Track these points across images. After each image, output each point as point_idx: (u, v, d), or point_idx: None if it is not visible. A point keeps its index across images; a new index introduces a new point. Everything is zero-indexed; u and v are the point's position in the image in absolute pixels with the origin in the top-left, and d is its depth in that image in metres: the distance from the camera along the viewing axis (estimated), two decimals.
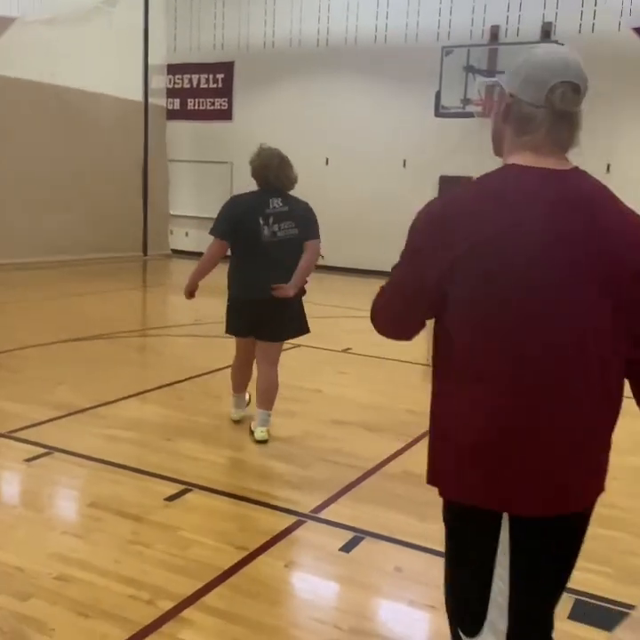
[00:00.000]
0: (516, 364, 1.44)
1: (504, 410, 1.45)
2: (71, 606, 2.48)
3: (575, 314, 1.45)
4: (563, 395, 1.47)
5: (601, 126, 11.88)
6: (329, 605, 2.61)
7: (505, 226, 1.44)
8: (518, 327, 1.43)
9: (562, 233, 1.45)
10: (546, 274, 1.43)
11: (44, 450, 3.91)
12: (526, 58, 1.55)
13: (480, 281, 1.44)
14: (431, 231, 1.50)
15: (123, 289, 10.61)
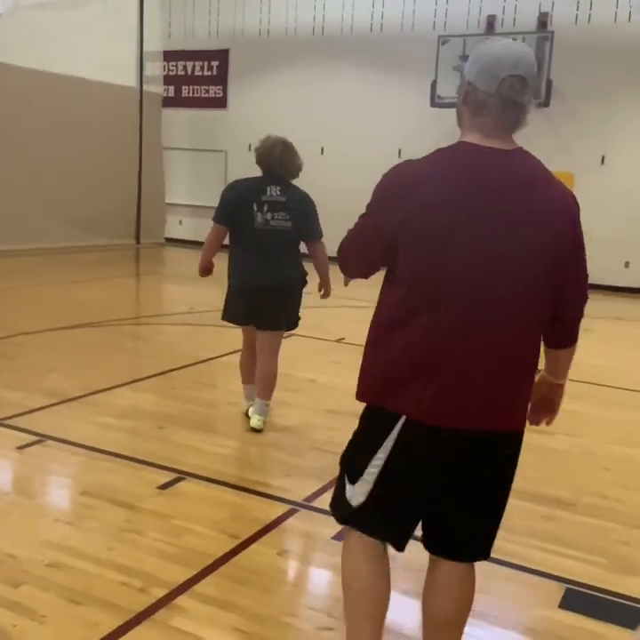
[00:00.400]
0: (452, 301, 1.76)
1: (442, 339, 1.76)
2: (63, 593, 2.48)
3: (509, 267, 1.76)
4: (495, 331, 1.78)
5: (596, 118, 11.89)
6: (322, 593, 2.62)
7: (448, 193, 1.74)
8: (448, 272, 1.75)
9: (501, 198, 1.75)
10: (483, 229, 1.73)
11: (37, 437, 3.90)
12: (483, 52, 1.80)
13: (422, 235, 1.74)
14: (389, 193, 1.83)
15: (116, 277, 10.57)
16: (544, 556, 2.95)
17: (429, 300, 1.77)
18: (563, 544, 3.05)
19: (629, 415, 5.05)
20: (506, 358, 1.81)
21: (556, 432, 4.54)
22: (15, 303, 7.90)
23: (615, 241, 11.88)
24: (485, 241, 1.74)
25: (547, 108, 11.88)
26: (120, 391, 4.90)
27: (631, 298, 11.47)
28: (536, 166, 1.87)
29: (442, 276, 1.76)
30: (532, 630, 2.46)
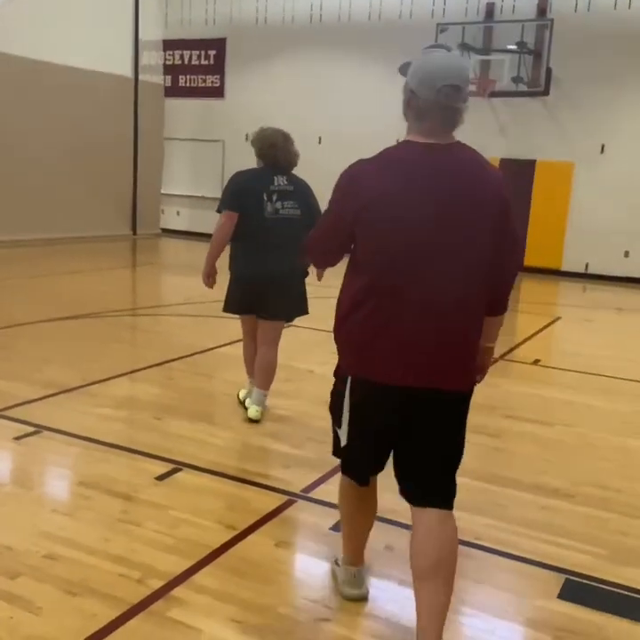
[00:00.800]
0: (408, 280, 2.04)
1: (403, 323, 2.05)
2: (60, 585, 2.46)
3: (452, 245, 2.04)
4: (447, 311, 2.06)
5: (596, 106, 11.83)
6: (319, 584, 2.60)
7: (394, 186, 2.04)
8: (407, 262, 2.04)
9: (441, 187, 2.03)
10: (427, 213, 2.02)
11: (34, 428, 3.88)
12: (422, 65, 2.10)
13: (375, 225, 2.05)
14: (346, 188, 2.14)
15: (112, 268, 10.53)
16: (543, 546, 2.94)
17: (384, 279, 2.06)
18: (561, 534, 3.04)
19: (628, 405, 5.04)
20: (455, 325, 2.09)
21: (555, 423, 4.54)
22: (11, 294, 7.87)
23: (615, 230, 11.86)
24: (430, 224, 2.03)
25: (546, 97, 11.82)
26: (117, 382, 4.88)
27: (631, 288, 11.46)
28: (472, 156, 2.12)
29: (394, 256, 2.05)
30: (530, 621, 2.45)
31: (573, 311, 9.28)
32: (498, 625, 2.42)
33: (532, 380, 5.69)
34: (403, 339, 2.06)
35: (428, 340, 2.06)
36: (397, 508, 3.19)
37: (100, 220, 13.26)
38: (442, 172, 2.05)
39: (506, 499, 3.38)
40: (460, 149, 2.11)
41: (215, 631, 2.28)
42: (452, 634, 2.36)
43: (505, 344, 6.73)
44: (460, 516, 3.14)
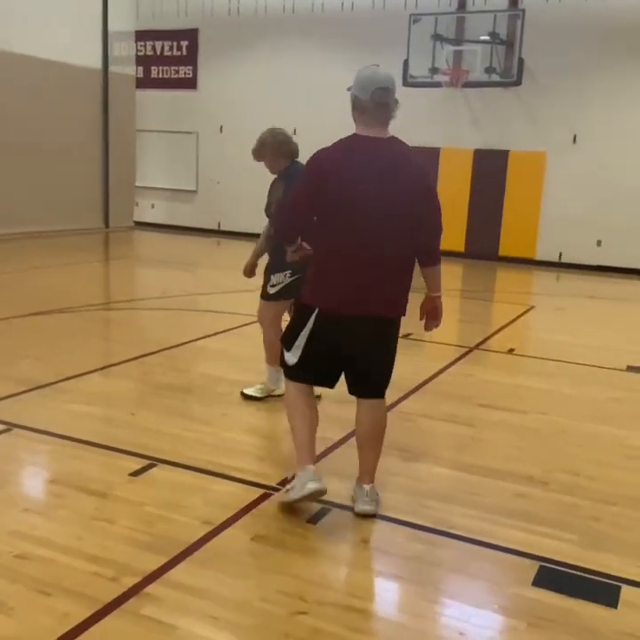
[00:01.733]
0: (356, 245, 2.89)
1: (349, 268, 2.90)
2: (32, 585, 2.43)
3: (386, 221, 2.89)
4: (380, 262, 2.91)
5: (568, 96, 11.92)
6: (295, 577, 2.60)
7: (348, 168, 2.85)
8: (354, 227, 2.88)
9: (377, 169, 2.86)
10: (370, 188, 2.84)
11: (5, 426, 3.82)
12: (360, 76, 2.94)
13: (335, 197, 2.86)
14: (311, 169, 2.93)
15: (85, 262, 10.41)
16: (517, 534, 2.96)
17: (343, 238, 2.90)
18: (535, 522, 3.07)
19: (600, 393, 5.09)
20: (386, 268, 2.93)
21: (529, 411, 4.58)
22: None
23: (587, 220, 11.98)
24: (373, 196, 2.85)
25: (518, 87, 11.88)
26: (91, 377, 4.83)
27: (603, 276, 11.58)
28: (401, 147, 2.96)
29: (349, 220, 2.87)
30: (505, 609, 2.47)
31: (547, 300, 9.36)
32: (473, 613, 2.44)
33: (507, 369, 5.73)
34: (347, 282, 2.92)
35: (363, 282, 2.91)
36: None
37: (72, 213, 13.08)
38: (377, 158, 2.87)
39: (480, 487, 3.40)
40: (393, 142, 2.94)
41: (191, 627, 2.27)
42: (427, 623, 2.38)
43: (479, 333, 6.77)
44: (435, 505, 3.18)
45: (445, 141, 12.63)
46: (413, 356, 6.01)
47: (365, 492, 3.07)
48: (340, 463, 3.63)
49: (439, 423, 4.27)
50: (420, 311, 3.21)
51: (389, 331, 3.06)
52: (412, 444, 3.90)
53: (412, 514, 3.09)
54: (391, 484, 3.38)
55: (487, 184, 12.50)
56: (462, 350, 6.10)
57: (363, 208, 2.85)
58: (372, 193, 2.84)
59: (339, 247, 2.90)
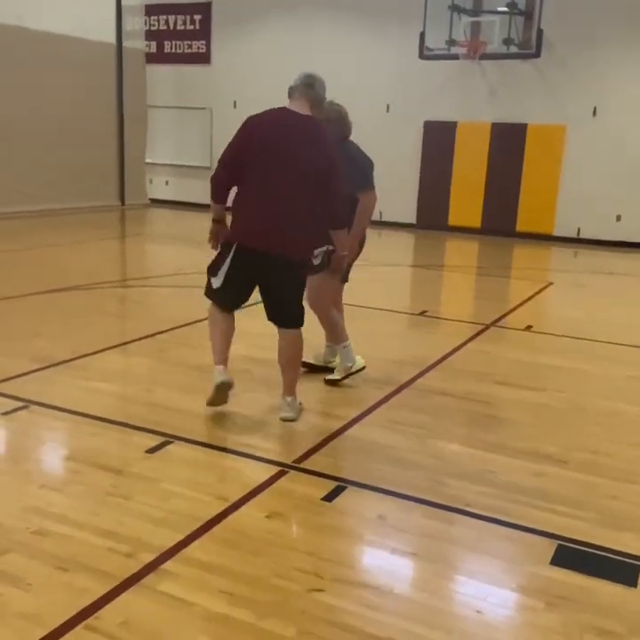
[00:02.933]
0: (268, 196, 3.54)
1: (260, 212, 3.56)
2: (49, 560, 2.44)
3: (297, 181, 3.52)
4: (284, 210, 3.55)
5: (588, 68, 11.67)
6: (311, 555, 2.60)
7: (268, 132, 3.55)
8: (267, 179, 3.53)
9: (288, 137, 3.54)
10: (284, 149, 3.51)
11: (22, 403, 3.84)
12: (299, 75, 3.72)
13: (256, 154, 3.51)
14: (241, 134, 3.58)
15: (100, 239, 10.42)
16: (535, 512, 2.94)
17: (258, 188, 3.55)
18: (553, 500, 3.04)
19: (620, 370, 5.03)
20: (289, 217, 3.56)
21: (547, 388, 4.53)
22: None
23: (607, 194, 11.79)
24: (285, 155, 3.50)
25: (537, 59, 11.64)
26: (107, 355, 4.84)
27: (623, 252, 11.42)
28: (314, 121, 3.60)
29: (265, 175, 3.52)
30: (523, 588, 2.45)
31: (565, 276, 9.25)
32: (490, 591, 2.42)
33: (524, 347, 5.68)
34: (258, 224, 3.56)
35: (269, 226, 3.55)
36: (389, 477, 3.19)
37: (88, 190, 13.07)
38: (294, 128, 3.55)
39: (497, 465, 3.38)
40: (308, 118, 3.58)
41: (207, 603, 2.27)
42: (443, 600, 2.37)
43: (496, 310, 6.71)
44: (451, 482, 3.16)
45: (462, 115, 12.44)
46: (429, 334, 5.97)
47: (287, 402, 3.80)
48: (355, 442, 3.62)
49: (456, 400, 4.24)
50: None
51: (294, 272, 3.64)
52: (429, 422, 3.87)
53: (429, 491, 3.07)
54: (407, 462, 3.37)
55: (505, 158, 12.32)
56: (479, 327, 6.05)
57: (276, 164, 3.50)
58: (285, 151, 3.50)
59: (254, 195, 3.56)
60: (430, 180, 12.90)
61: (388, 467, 3.33)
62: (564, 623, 2.26)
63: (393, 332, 5.91)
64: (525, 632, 2.24)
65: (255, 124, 3.57)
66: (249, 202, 3.60)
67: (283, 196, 3.52)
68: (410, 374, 4.62)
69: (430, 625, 2.22)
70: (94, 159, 13.11)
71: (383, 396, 4.21)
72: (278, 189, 3.52)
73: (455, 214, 12.87)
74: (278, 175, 3.51)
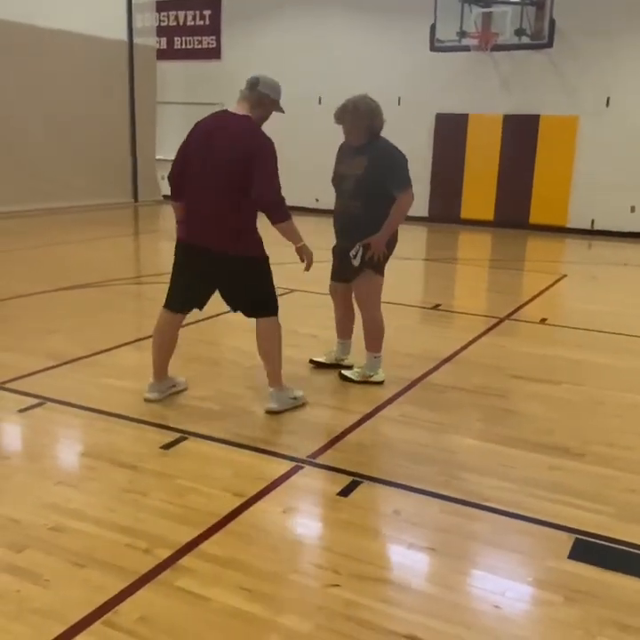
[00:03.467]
0: (200, 193, 3.65)
1: (196, 211, 3.68)
2: (67, 557, 2.45)
3: (218, 174, 3.57)
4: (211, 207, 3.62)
5: (600, 58, 11.56)
6: (328, 550, 2.59)
7: (201, 133, 3.66)
8: (198, 177, 3.64)
9: (213, 135, 3.61)
10: (213, 148, 3.58)
11: (38, 400, 3.86)
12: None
13: (191, 154, 3.67)
14: (188, 135, 3.73)
15: (114, 236, 10.45)
16: (552, 506, 2.91)
17: (193, 187, 3.67)
18: (571, 494, 3.02)
19: (636, 362, 4.98)
20: (219, 213, 3.60)
21: (563, 381, 4.50)
22: (12, 265, 7.82)
23: (620, 185, 11.68)
24: (206, 151, 3.60)
25: (550, 49, 11.54)
26: (122, 351, 4.86)
27: (637, 243, 11.32)
28: (245, 119, 3.61)
29: (196, 173, 3.64)
30: (541, 582, 2.44)
31: (580, 268, 9.18)
32: (508, 586, 2.41)
33: (539, 340, 5.64)
34: (192, 221, 3.69)
35: (201, 223, 3.65)
36: (405, 472, 3.18)
37: (101, 188, 13.10)
38: (220, 127, 3.61)
39: (513, 459, 3.36)
40: (241, 118, 3.61)
41: (224, 599, 2.27)
42: (461, 595, 2.35)
43: (510, 303, 6.66)
44: (467, 477, 3.14)
45: (474, 107, 12.36)
46: (443, 328, 5.94)
47: (270, 393, 3.83)
48: (370, 436, 3.61)
49: (470, 395, 4.22)
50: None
51: (239, 266, 3.66)
52: (443, 416, 3.86)
53: (445, 486, 3.06)
54: (422, 456, 3.35)
55: (517, 150, 12.24)
56: (493, 321, 6.01)
57: (200, 160, 3.60)
58: (206, 147, 3.59)
59: (191, 193, 3.67)
60: (442, 173, 12.83)
61: (404, 461, 3.31)
62: (583, 618, 2.24)
63: (406, 325, 5.89)
64: (544, 627, 2.22)
65: (196, 126, 3.71)
66: (189, 200, 3.69)
67: (210, 193, 3.57)
68: (424, 368, 4.60)
69: (449, 620, 2.21)
70: (107, 156, 13.14)
71: (397, 391, 4.20)
72: (205, 186, 3.59)
73: (467, 207, 12.80)
74: (202, 172, 3.59)
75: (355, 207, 4.11)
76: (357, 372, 4.37)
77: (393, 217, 4.08)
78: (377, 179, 4.03)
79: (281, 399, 3.84)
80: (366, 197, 4.06)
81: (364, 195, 4.06)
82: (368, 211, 4.07)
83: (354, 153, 4.13)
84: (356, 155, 4.11)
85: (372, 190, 4.05)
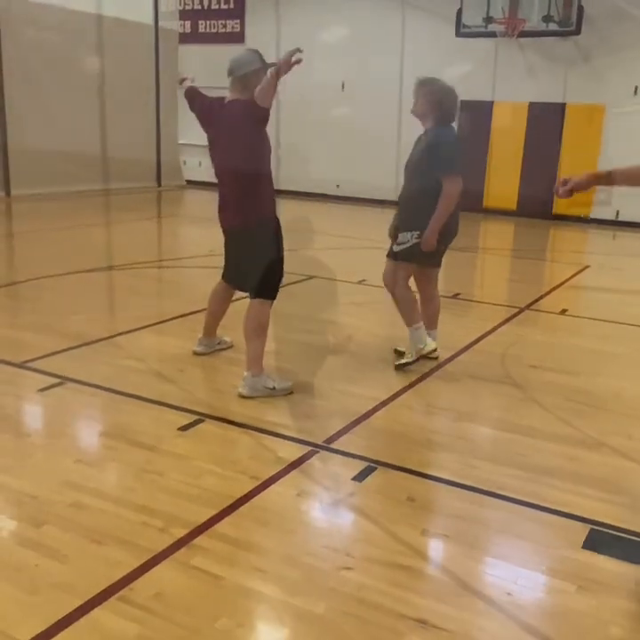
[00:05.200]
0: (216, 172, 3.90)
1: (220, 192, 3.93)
2: (84, 533, 2.49)
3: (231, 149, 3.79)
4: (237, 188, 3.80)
5: (631, 46, 11.35)
6: (341, 534, 2.61)
7: (215, 113, 3.91)
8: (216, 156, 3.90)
9: (227, 114, 3.81)
10: (220, 131, 3.84)
11: (58, 380, 3.91)
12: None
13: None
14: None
15: (136, 220, 10.50)
16: (566, 496, 2.90)
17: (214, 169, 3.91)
18: (586, 484, 3.01)
19: None
20: (234, 194, 3.81)
21: (582, 372, 4.47)
22: (36, 247, 7.90)
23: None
24: (218, 134, 3.85)
25: (577, 37, 11.36)
26: (141, 334, 4.90)
27: None
28: (240, 103, 3.73)
29: (212, 152, 3.92)
30: (555, 571, 2.43)
31: (603, 259, 9.07)
32: (521, 574, 2.41)
33: (559, 330, 5.59)
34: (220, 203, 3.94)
35: (221, 202, 3.92)
36: (419, 458, 3.18)
37: (125, 172, 13.15)
38: (226, 108, 3.82)
39: (530, 449, 3.35)
40: (237, 101, 3.77)
41: (238, 579, 2.30)
42: (473, 582, 2.36)
43: (531, 293, 6.61)
44: (482, 465, 3.14)
45: (499, 94, 12.21)
46: (462, 317, 5.91)
47: (243, 377, 3.82)
48: (386, 423, 3.61)
49: (488, 384, 4.20)
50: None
51: (249, 239, 3.81)
52: (460, 404, 3.85)
53: (459, 474, 3.06)
54: (438, 444, 3.35)
55: (542, 139, 12.08)
56: (513, 310, 5.97)
57: (216, 145, 3.85)
58: (218, 132, 3.83)
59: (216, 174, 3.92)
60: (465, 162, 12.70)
61: (419, 448, 3.32)
62: (595, 607, 2.24)
63: None
64: (556, 615, 2.22)
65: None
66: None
67: (223, 170, 3.84)
68: (442, 357, 4.59)
69: (460, 606, 2.22)
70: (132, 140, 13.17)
71: (415, 379, 4.19)
72: (220, 164, 3.85)
73: (491, 196, 12.68)
74: (218, 149, 3.87)
75: (409, 190, 4.16)
76: (410, 354, 4.30)
77: (438, 209, 4.04)
78: (429, 161, 4.05)
79: (253, 385, 3.79)
80: (421, 178, 4.07)
81: (419, 175, 4.09)
82: (422, 191, 4.07)
83: (422, 138, 4.19)
84: (421, 139, 4.18)
85: (426, 175, 4.05)
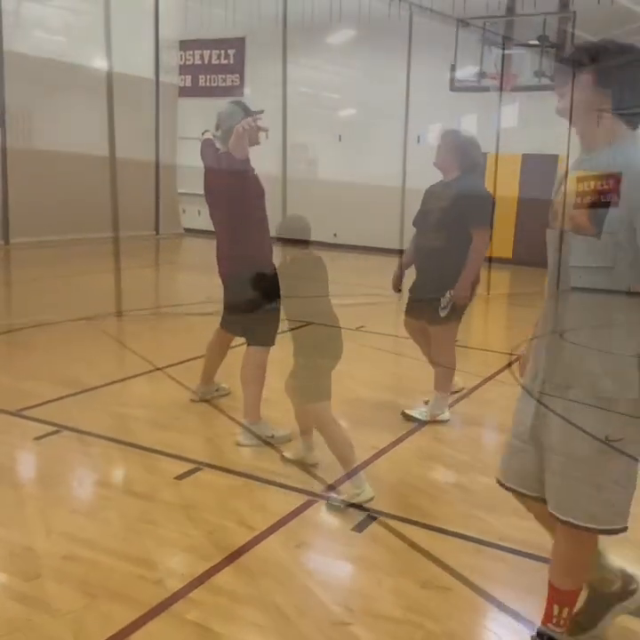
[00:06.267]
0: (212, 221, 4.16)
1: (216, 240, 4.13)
2: (78, 586, 2.44)
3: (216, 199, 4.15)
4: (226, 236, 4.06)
5: None
6: (341, 586, 2.56)
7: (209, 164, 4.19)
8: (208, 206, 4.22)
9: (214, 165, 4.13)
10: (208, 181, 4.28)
11: (54, 428, 3.88)
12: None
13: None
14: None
15: (134, 267, 10.54)
16: None
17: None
18: None
19: None
20: (225, 242, 4.04)
21: None
22: (35, 293, 7.93)
23: None
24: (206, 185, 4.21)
25: None
26: (138, 381, 4.88)
27: None
28: (224, 155, 3.97)
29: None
30: None
31: None
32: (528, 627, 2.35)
33: None
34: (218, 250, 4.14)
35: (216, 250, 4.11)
36: (420, 508, 3.14)
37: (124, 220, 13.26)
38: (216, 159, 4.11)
39: None
40: (223, 154, 4.03)
41: (235, 634, 2.25)
42: (479, 635, 2.30)
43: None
44: (483, 516, 3.09)
45: (493, 146, 12.45)
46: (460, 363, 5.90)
47: (241, 425, 3.88)
48: (385, 472, 3.58)
49: (488, 431, 4.18)
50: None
51: (242, 288, 3.75)
52: (459, 453, 3.82)
53: (460, 524, 3.02)
54: (438, 493, 3.31)
55: (536, 189, 12.27)
56: (511, 357, 5.97)
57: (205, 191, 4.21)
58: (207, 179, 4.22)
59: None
60: None
61: (419, 498, 3.28)
62: None
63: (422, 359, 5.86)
64: None
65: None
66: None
67: (218, 224, 4.09)
68: None
69: None
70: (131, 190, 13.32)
71: (414, 426, 4.17)
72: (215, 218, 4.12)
73: None
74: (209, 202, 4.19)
75: (437, 239, 4.07)
76: (424, 412, 4.28)
77: (471, 264, 4.04)
78: (459, 212, 4.01)
79: (250, 433, 3.81)
80: (449, 230, 4.02)
81: (448, 227, 4.03)
82: (451, 244, 4.03)
83: (443, 187, 4.14)
84: (445, 188, 4.11)
85: (456, 223, 4.01)
